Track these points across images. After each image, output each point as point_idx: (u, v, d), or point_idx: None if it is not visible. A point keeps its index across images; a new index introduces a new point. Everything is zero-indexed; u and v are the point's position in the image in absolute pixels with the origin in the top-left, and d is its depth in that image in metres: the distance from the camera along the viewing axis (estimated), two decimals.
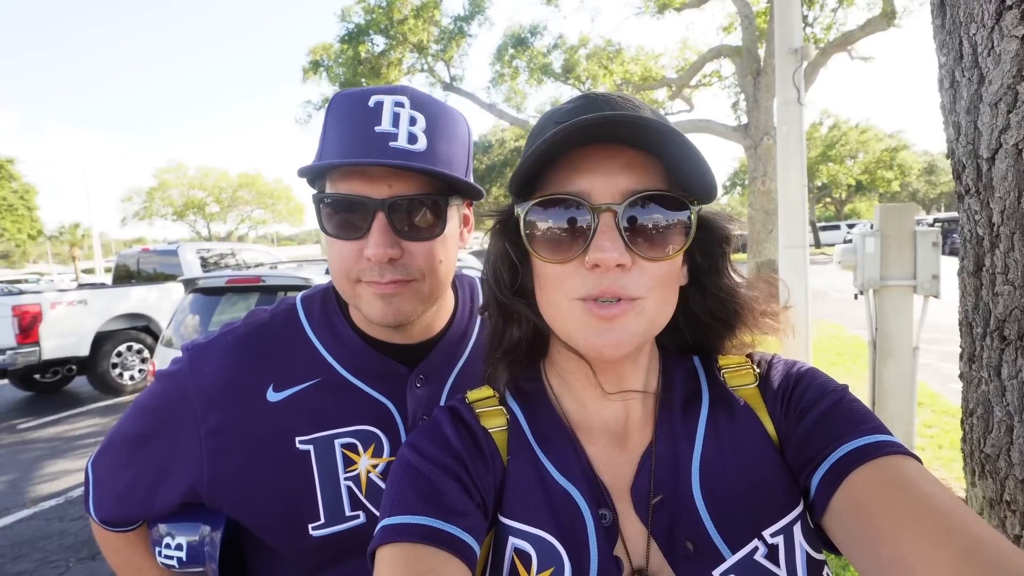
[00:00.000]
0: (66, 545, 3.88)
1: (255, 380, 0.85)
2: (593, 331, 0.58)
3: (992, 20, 1.09)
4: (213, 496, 0.84)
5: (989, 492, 1.31)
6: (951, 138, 1.32)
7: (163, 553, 0.92)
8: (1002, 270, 1.19)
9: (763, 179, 9.51)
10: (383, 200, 0.77)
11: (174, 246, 8.89)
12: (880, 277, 3.50)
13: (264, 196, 42.40)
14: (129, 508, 0.91)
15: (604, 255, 0.56)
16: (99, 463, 0.93)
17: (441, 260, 0.84)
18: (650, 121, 0.53)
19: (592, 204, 0.58)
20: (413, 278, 0.81)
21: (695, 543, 0.61)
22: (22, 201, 29.98)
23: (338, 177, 0.79)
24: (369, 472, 0.84)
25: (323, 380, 0.86)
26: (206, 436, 0.83)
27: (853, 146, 35.01)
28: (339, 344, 0.89)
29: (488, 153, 29.19)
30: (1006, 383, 1.22)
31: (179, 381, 0.87)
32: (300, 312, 0.92)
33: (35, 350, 6.84)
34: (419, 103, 0.81)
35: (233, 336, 0.90)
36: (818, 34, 11.86)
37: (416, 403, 0.88)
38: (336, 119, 0.81)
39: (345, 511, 0.83)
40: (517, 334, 0.70)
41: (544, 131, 0.61)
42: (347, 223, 0.79)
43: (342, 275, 0.82)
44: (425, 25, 13.49)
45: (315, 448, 0.84)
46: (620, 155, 0.58)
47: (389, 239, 0.78)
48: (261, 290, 4.16)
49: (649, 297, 0.59)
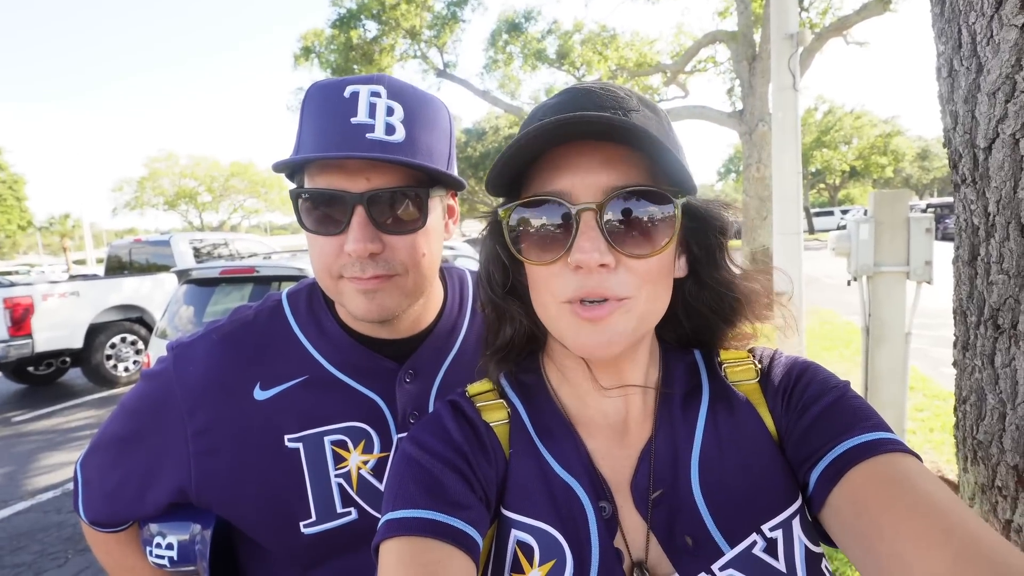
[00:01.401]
0: (64, 537, 3.89)
1: (241, 378, 0.84)
2: (582, 333, 0.58)
3: (992, 9, 1.08)
4: (201, 497, 0.83)
5: (981, 478, 1.33)
6: (948, 127, 1.31)
7: (154, 553, 0.91)
8: (997, 259, 1.19)
9: (758, 165, 9.49)
10: (362, 194, 0.75)
11: (167, 236, 8.82)
12: (873, 263, 3.51)
13: (256, 185, 42.00)
14: (118, 509, 0.90)
15: (585, 256, 0.55)
16: (87, 464, 0.92)
17: (424, 253, 0.82)
18: (620, 121, 0.53)
19: (572, 204, 0.57)
20: (396, 272, 0.80)
21: (694, 537, 0.61)
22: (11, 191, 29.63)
23: (315, 171, 0.78)
24: (360, 468, 0.84)
25: (311, 377, 0.85)
26: (192, 436, 0.82)
27: (847, 132, 35.00)
28: (326, 340, 0.88)
29: (482, 140, 28.98)
30: (999, 371, 1.23)
31: (164, 381, 0.86)
32: (286, 308, 0.91)
33: (28, 342, 6.79)
34: (396, 92, 0.79)
35: (218, 334, 0.88)
36: (814, 19, 11.79)
37: (406, 399, 0.87)
38: (312, 111, 0.79)
39: (336, 508, 0.83)
40: (510, 333, 0.70)
41: (526, 127, 0.60)
42: (326, 218, 0.78)
43: (323, 271, 0.80)
44: (418, 10, 13.30)
45: (304, 446, 0.83)
46: (599, 152, 0.57)
47: (369, 233, 0.76)
48: (255, 280, 4.14)
49: (637, 295, 0.58)
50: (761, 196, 9.35)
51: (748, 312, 0.70)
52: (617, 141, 0.57)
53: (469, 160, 27.13)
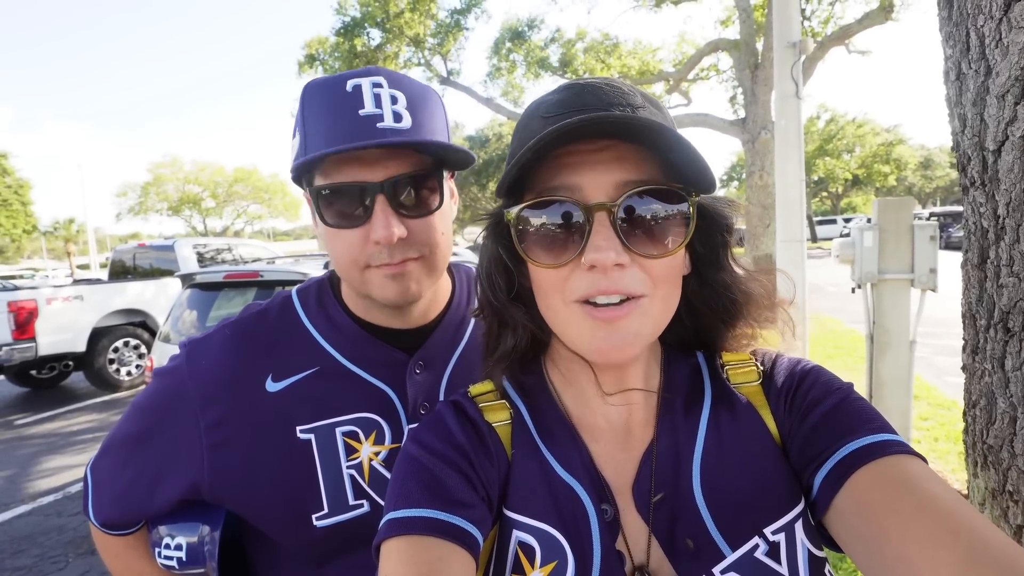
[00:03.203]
0: (65, 540, 3.87)
1: (253, 371, 0.85)
2: (596, 335, 0.57)
3: (1000, 11, 1.08)
4: (214, 491, 0.83)
5: (991, 483, 1.31)
6: (956, 130, 1.31)
7: (163, 554, 0.91)
8: (1007, 262, 1.19)
9: (760, 173, 9.51)
10: (381, 183, 0.77)
11: (170, 241, 8.86)
12: (878, 271, 3.50)
13: (260, 191, 42.25)
14: (129, 508, 0.90)
15: (600, 255, 0.54)
16: (98, 466, 0.92)
17: (443, 232, 0.85)
18: (636, 119, 0.52)
19: (585, 202, 0.56)
20: (421, 254, 0.82)
21: (695, 540, 0.61)
22: (16, 196, 29.84)
23: (331, 167, 0.78)
24: (372, 460, 0.84)
25: (322, 369, 0.86)
26: (206, 430, 0.82)
27: (850, 140, 35.06)
28: (336, 332, 0.88)
29: (485, 147, 29.12)
30: (1010, 375, 1.22)
31: (176, 377, 0.86)
32: (296, 303, 0.92)
33: (31, 346, 6.81)
34: (395, 82, 0.81)
35: (230, 329, 0.89)
36: (816, 28, 11.85)
37: (416, 389, 0.87)
38: (316, 109, 0.79)
39: (349, 500, 0.83)
40: (512, 341, 0.68)
41: (529, 127, 0.59)
42: (348, 211, 0.79)
43: (350, 264, 0.81)
44: (422, 18, 13.40)
45: (316, 437, 0.83)
46: (610, 149, 0.56)
47: (394, 220, 0.78)
48: (259, 285, 4.15)
49: (652, 295, 0.57)
50: (764, 204, 9.36)
51: (747, 313, 0.69)
52: (630, 140, 0.56)
53: (472, 168, 27.19)
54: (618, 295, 0.56)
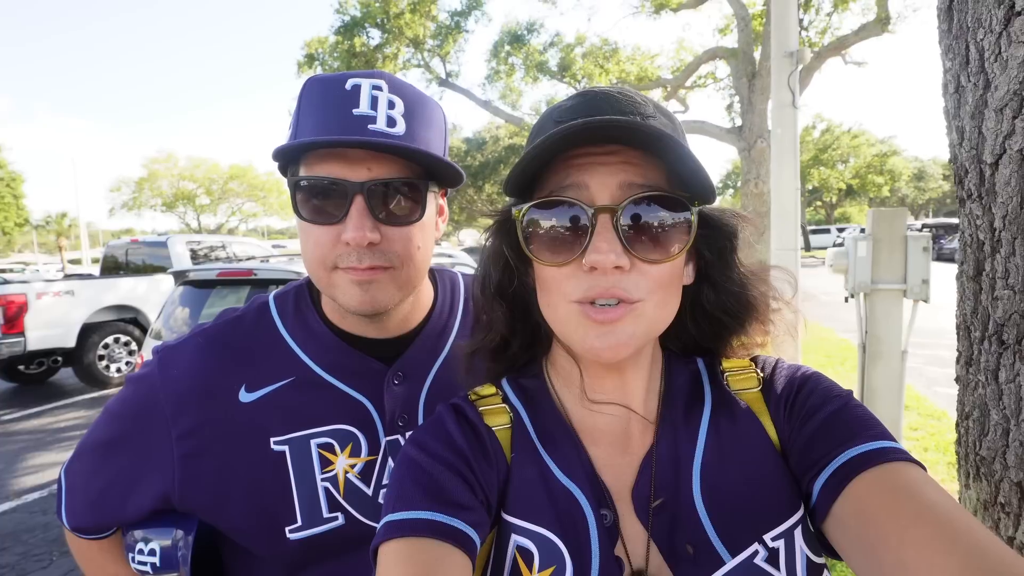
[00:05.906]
0: (50, 538, 3.83)
1: (226, 380, 0.83)
2: (591, 334, 0.58)
3: (1000, 25, 1.09)
4: (185, 502, 0.82)
5: (984, 494, 1.32)
6: (954, 143, 1.32)
7: (136, 559, 0.89)
8: (1002, 275, 1.20)
9: (756, 181, 9.57)
10: (362, 183, 0.75)
11: (164, 237, 8.80)
12: (871, 281, 3.52)
13: (255, 189, 42.02)
14: (101, 515, 0.88)
15: (601, 257, 0.55)
16: (71, 470, 0.90)
17: (419, 246, 0.82)
18: (645, 126, 0.53)
19: (590, 204, 0.57)
20: (391, 264, 0.79)
21: (695, 546, 0.61)
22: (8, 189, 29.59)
23: (314, 160, 0.77)
24: (347, 472, 0.82)
25: (297, 379, 0.84)
26: (177, 440, 0.80)
27: (845, 150, 35.39)
28: (313, 341, 0.86)
29: (482, 150, 29.13)
30: (1003, 387, 1.23)
31: (148, 384, 0.84)
32: (273, 309, 0.89)
33: (20, 341, 6.73)
34: (397, 88, 0.79)
35: (203, 336, 0.87)
36: (813, 38, 11.95)
37: (394, 401, 0.85)
38: (312, 102, 0.78)
39: (323, 513, 0.81)
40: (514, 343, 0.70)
41: (543, 130, 0.61)
42: (324, 207, 0.77)
43: (317, 262, 0.79)
44: (421, 20, 13.43)
45: (290, 449, 0.81)
46: (618, 155, 0.58)
47: (368, 223, 0.75)
48: (252, 283, 4.12)
49: (649, 300, 0.58)
50: (759, 212, 9.40)
51: (764, 311, 0.70)
52: (637, 146, 0.57)
53: (469, 170, 27.26)
54: (615, 299, 0.57)
